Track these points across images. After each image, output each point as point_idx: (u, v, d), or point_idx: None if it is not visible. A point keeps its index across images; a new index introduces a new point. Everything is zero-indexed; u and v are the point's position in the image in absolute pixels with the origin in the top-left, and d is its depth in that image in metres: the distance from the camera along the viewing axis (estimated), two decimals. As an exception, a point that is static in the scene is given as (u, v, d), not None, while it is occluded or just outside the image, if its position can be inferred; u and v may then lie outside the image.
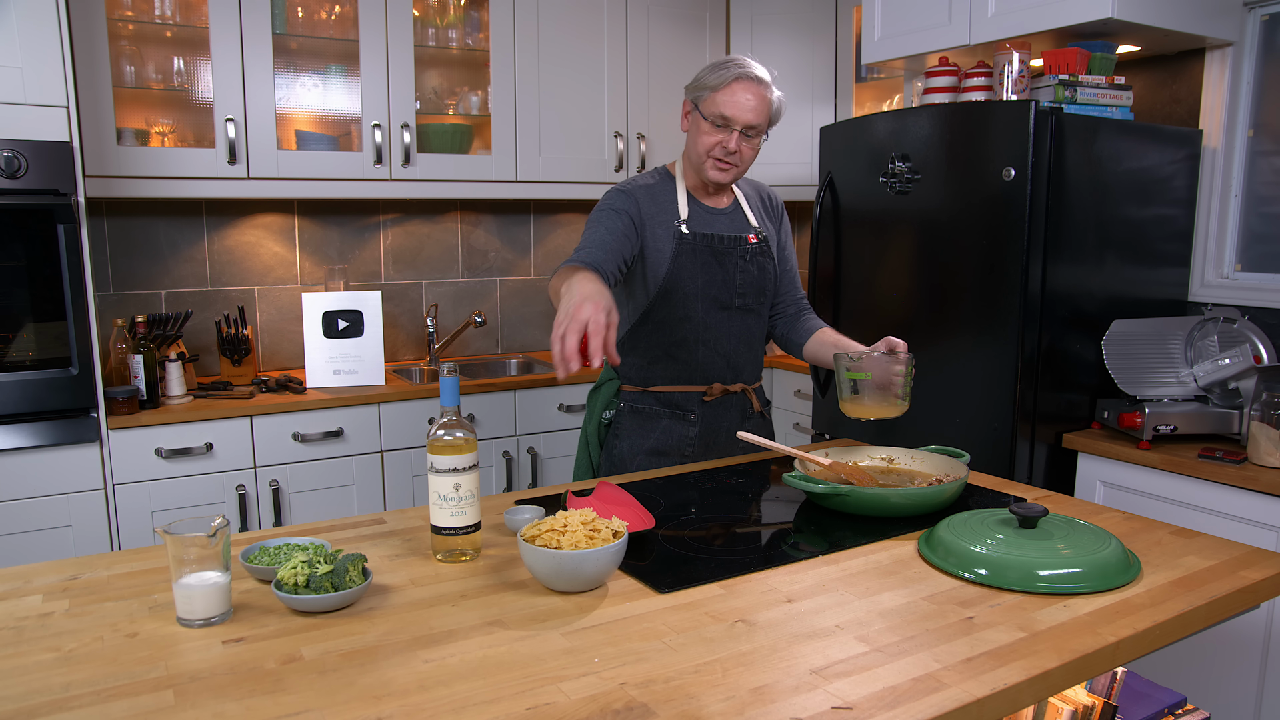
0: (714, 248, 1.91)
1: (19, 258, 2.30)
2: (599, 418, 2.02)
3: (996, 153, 2.32)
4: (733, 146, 1.83)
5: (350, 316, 2.93)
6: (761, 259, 1.97)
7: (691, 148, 1.89)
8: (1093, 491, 2.36)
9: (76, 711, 0.92)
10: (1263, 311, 2.50)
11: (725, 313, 1.93)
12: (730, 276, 1.92)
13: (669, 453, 1.96)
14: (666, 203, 1.91)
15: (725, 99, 1.80)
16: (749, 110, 1.80)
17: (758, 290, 1.97)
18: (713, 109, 1.81)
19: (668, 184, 1.95)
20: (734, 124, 1.81)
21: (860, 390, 1.70)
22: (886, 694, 0.96)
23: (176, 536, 1.11)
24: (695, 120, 1.86)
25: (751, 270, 1.95)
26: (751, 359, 2.01)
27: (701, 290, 1.91)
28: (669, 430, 1.96)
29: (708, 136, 1.83)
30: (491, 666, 1.02)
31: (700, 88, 1.84)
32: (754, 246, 1.96)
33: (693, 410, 1.96)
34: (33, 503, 2.36)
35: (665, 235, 1.88)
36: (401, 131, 3.04)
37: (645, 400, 1.97)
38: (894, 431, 2.68)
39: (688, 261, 1.89)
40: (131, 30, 2.82)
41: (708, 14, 3.62)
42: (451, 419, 1.34)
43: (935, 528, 1.40)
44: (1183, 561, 1.33)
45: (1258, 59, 2.56)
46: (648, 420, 1.96)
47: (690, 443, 1.96)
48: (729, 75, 1.80)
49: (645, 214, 1.88)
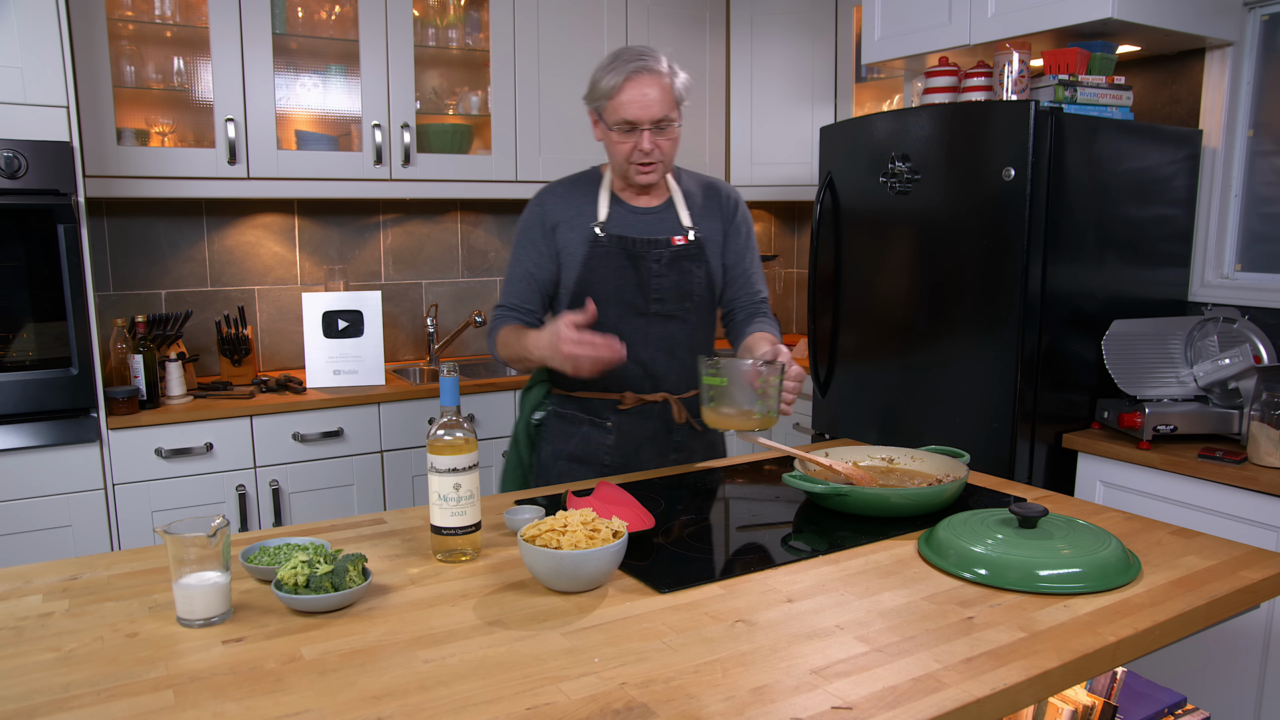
0: (628, 250, 1.82)
1: (19, 258, 2.29)
2: (528, 418, 2.00)
3: (996, 153, 2.32)
4: (647, 146, 1.74)
5: (350, 316, 2.93)
6: (686, 263, 1.85)
7: (610, 156, 1.82)
8: (1093, 491, 2.36)
9: (76, 711, 0.92)
10: (1263, 311, 2.50)
11: (642, 319, 1.84)
12: (645, 281, 1.83)
13: (588, 460, 1.90)
14: (585, 205, 1.86)
15: (624, 102, 1.71)
16: (652, 106, 1.71)
17: (679, 295, 1.85)
18: (614, 116, 1.73)
19: (593, 184, 1.89)
20: (640, 125, 1.73)
21: (716, 398, 1.55)
22: (886, 694, 0.96)
23: (176, 536, 1.11)
24: (603, 131, 1.79)
25: (670, 275, 1.84)
26: (675, 367, 1.89)
27: (614, 295, 1.83)
28: (588, 437, 1.90)
29: (620, 145, 1.76)
30: (491, 666, 1.02)
31: (597, 96, 1.76)
32: (678, 249, 1.84)
33: (610, 418, 1.89)
34: (33, 503, 2.36)
35: (578, 239, 1.83)
36: (401, 131, 3.04)
37: (569, 405, 1.93)
38: (894, 431, 2.68)
39: (599, 265, 1.82)
40: (131, 30, 2.82)
41: (708, 14, 3.62)
42: (451, 419, 1.34)
43: (935, 528, 1.40)
44: (1183, 561, 1.33)
45: (1258, 59, 2.56)
46: (570, 425, 1.92)
47: (608, 451, 1.89)
48: (620, 77, 1.71)
49: (557, 219, 1.84)
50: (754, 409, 1.52)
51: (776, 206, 4.27)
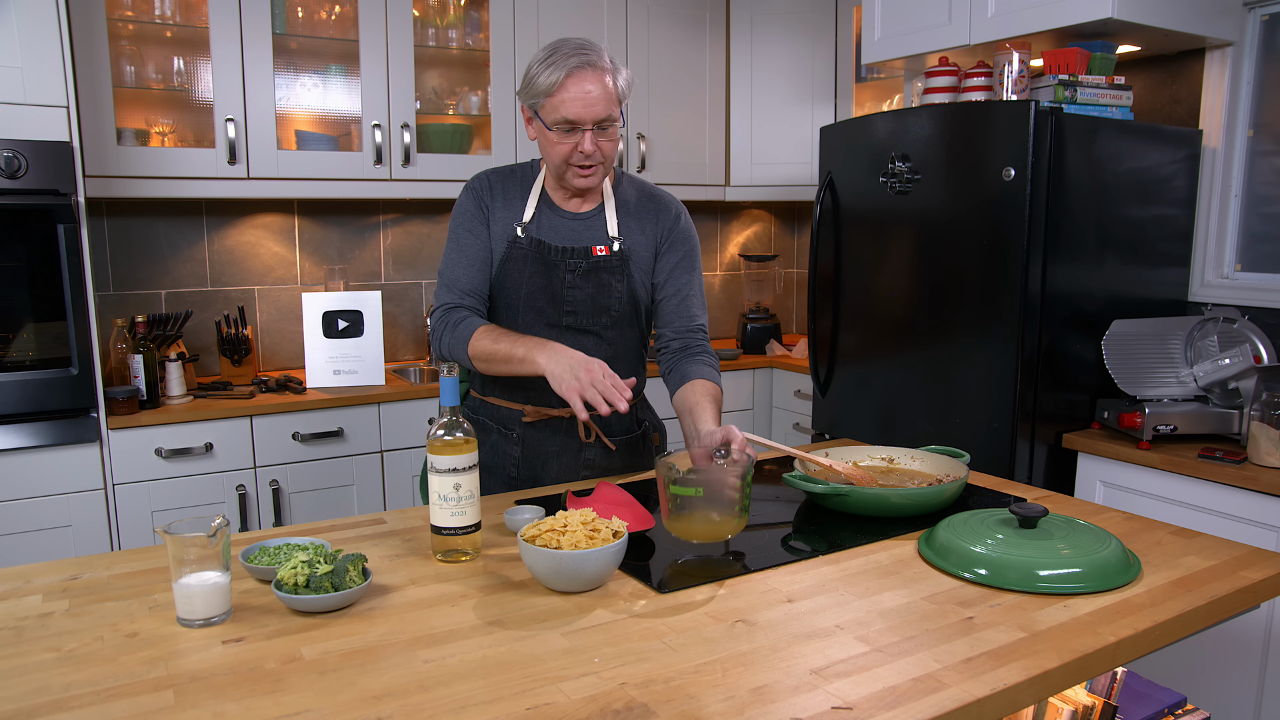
0: (543, 257, 1.70)
1: (19, 258, 2.30)
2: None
3: (996, 153, 2.32)
4: (589, 148, 1.61)
5: (350, 316, 2.93)
6: (606, 275, 1.72)
7: (545, 156, 1.68)
8: (1093, 491, 2.36)
9: (76, 711, 0.92)
10: (1263, 311, 2.50)
11: (553, 330, 1.72)
12: (557, 291, 1.71)
13: (495, 470, 1.81)
14: (516, 200, 1.75)
15: (564, 99, 1.57)
16: (595, 104, 1.57)
17: (594, 309, 1.73)
18: (554, 115, 1.59)
19: (527, 180, 1.77)
20: (582, 125, 1.59)
21: (688, 508, 1.34)
22: (886, 694, 0.96)
23: (176, 536, 1.11)
24: (539, 128, 1.64)
25: (585, 287, 1.71)
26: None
27: (525, 301, 1.73)
28: (496, 446, 1.81)
29: (559, 145, 1.62)
30: (491, 666, 1.02)
31: (534, 93, 1.60)
32: (597, 260, 1.71)
33: (515, 429, 1.79)
34: (33, 503, 2.36)
35: (500, 235, 1.73)
36: (401, 131, 3.04)
37: (481, 411, 1.85)
38: (894, 431, 2.68)
39: (514, 268, 1.71)
40: (131, 30, 2.82)
41: (708, 14, 3.62)
42: (451, 419, 1.34)
43: (935, 528, 1.40)
44: (1183, 561, 1.33)
45: (1258, 59, 2.56)
46: (481, 432, 1.83)
47: (514, 463, 1.79)
48: (561, 72, 1.56)
49: (491, 209, 1.75)
50: (733, 517, 1.35)
51: (776, 206, 4.27)
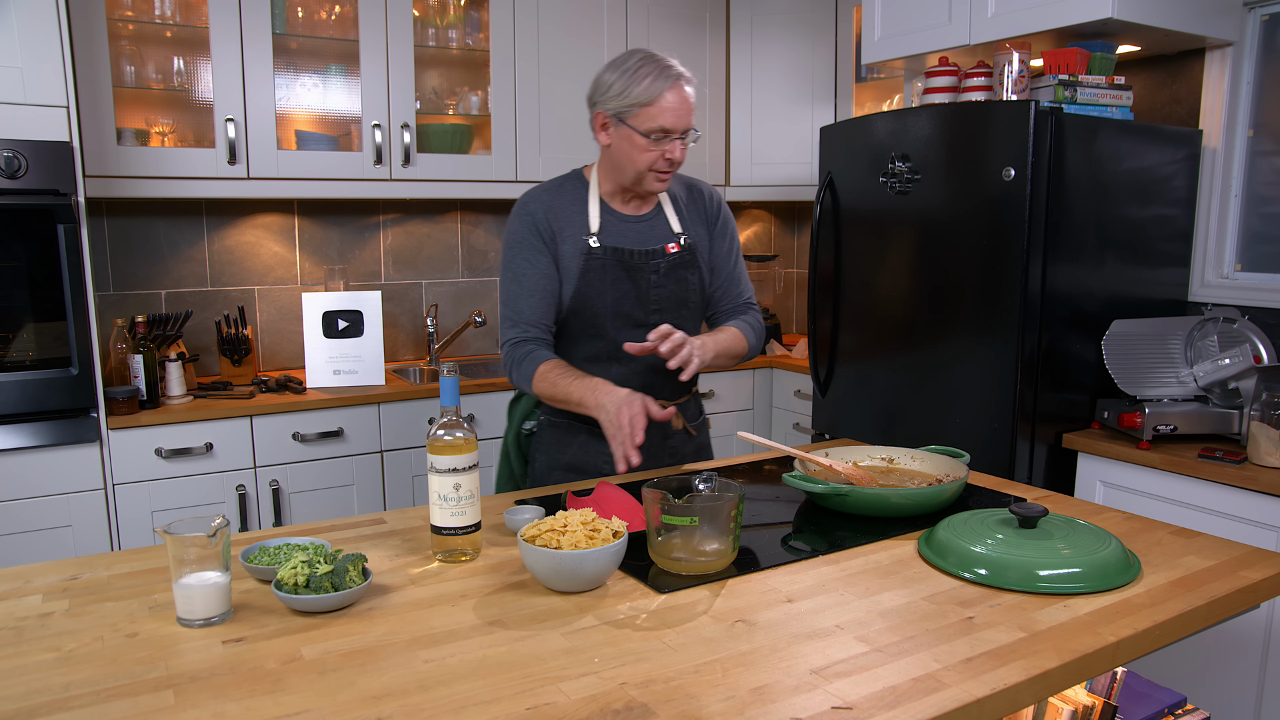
0: (625, 262, 1.78)
1: (19, 258, 2.30)
2: (518, 428, 1.98)
3: (996, 153, 2.32)
4: (679, 156, 1.72)
5: (350, 316, 2.93)
6: (682, 270, 1.83)
7: (625, 164, 1.74)
8: (1093, 491, 2.36)
9: (76, 711, 0.92)
10: (1263, 311, 2.50)
11: (640, 330, 1.78)
12: (644, 292, 1.80)
13: (586, 469, 1.87)
14: (576, 214, 1.80)
15: (664, 109, 1.67)
16: (688, 114, 1.70)
17: (677, 304, 1.83)
18: (650, 123, 1.68)
19: (579, 192, 1.83)
20: (674, 133, 1.70)
21: (683, 537, 1.29)
22: (886, 694, 0.96)
23: (176, 536, 1.11)
24: (625, 136, 1.71)
25: (669, 285, 1.82)
26: (671, 376, 1.76)
27: (612, 307, 1.79)
28: (586, 446, 1.86)
29: (647, 152, 1.70)
30: (491, 666, 1.02)
31: (630, 102, 1.68)
32: (673, 257, 1.82)
33: None
34: (33, 503, 2.36)
35: (573, 251, 1.78)
36: (401, 131, 3.04)
37: (564, 414, 1.86)
38: (894, 431, 2.68)
39: (596, 278, 1.77)
40: (131, 30, 2.82)
41: (708, 14, 3.62)
42: (451, 419, 1.34)
43: (935, 528, 1.40)
44: (1183, 561, 1.33)
45: (1258, 59, 2.56)
46: (566, 435, 1.88)
47: (608, 459, 1.79)
48: (665, 82, 1.67)
49: (553, 230, 1.79)
50: (727, 547, 1.30)
51: (776, 206, 4.27)
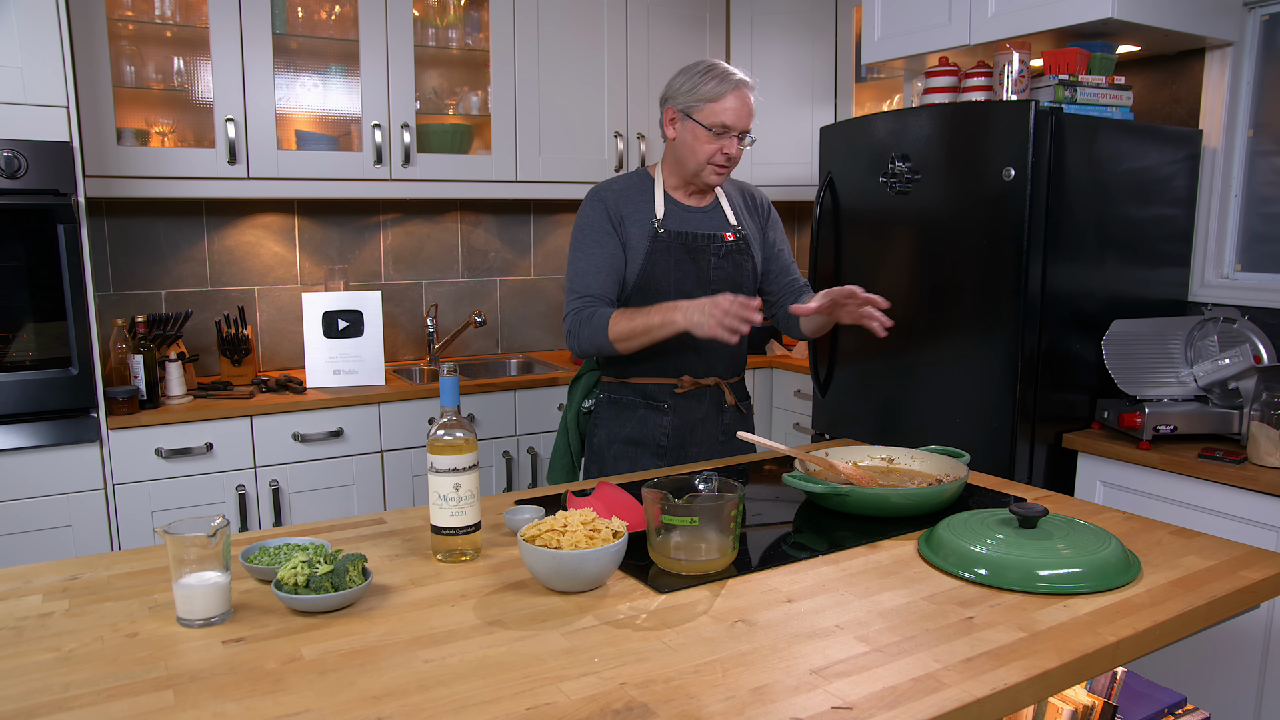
0: (688, 245, 1.97)
1: (19, 258, 2.29)
2: (579, 406, 2.12)
3: (996, 153, 2.32)
4: (735, 151, 1.90)
5: (350, 316, 2.93)
6: (738, 256, 2.02)
7: (688, 155, 1.93)
8: (1093, 491, 2.36)
9: (76, 711, 0.92)
10: (1263, 311, 2.50)
11: None
12: (704, 273, 1.98)
13: (644, 442, 2.02)
14: (643, 203, 1.98)
15: (726, 108, 1.87)
16: (747, 116, 1.90)
17: (733, 286, 2.01)
18: (713, 118, 1.87)
19: (646, 184, 2.02)
20: (734, 130, 1.89)
21: (684, 538, 1.29)
22: (886, 694, 0.96)
23: (176, 536, 1.11)
24: (690, 129, 1.91)
25: (726, 267, 2.01)
26: (725, 353, 2.03)
27: (675, 286, 1.96)
28: (644, 420, 2.01)
29: (708, 145, 1.89)
30: (491, 666, 1.02)
31: (695, 98, 1.88)
32: (730, 244, 2.01)
33: (666, 401, 2.01)
34: (33, 503, 2.36)
35: (640, 234, 1.95)
36: (401, 131, 3.04)
37: (623, 391, 2.04)
38: (894, 431, 2.68)
39: (661, 259, 1.95)
40: (131, 30, 2.82)
41: (708, 14, 3.62)
42: (451, 419, 1.34)
43: (935, 528, 1.40)
44: (1183, 561, 1.33)
45: (1258, 59, 2.56)
46: (625, 410, 2.03)
47: (665, 432, 2.01)
48: (729, 85, 1.87)
49: (621, 215, 1.96)
50: (727, 546, 1.30)
51: (777, 206, 4.26)
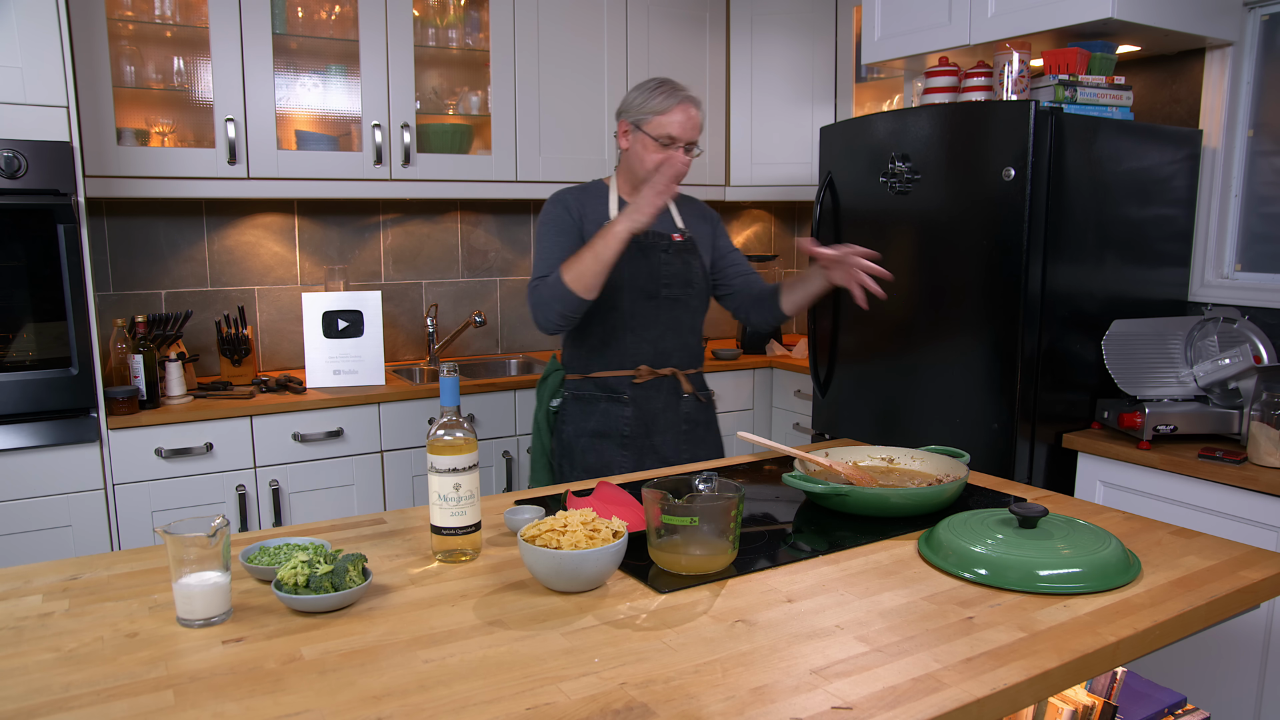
0: (640, 242, 2.07)
1: (19, 258, 2.29)
2: (547, 405, 2.22)
3: (996, 153, 2.32)
4: (680, 160, 2.03)
5: (350, 316, 2.93)
6: (687, 255, 2.14)
7: (637, 164, 2.06)
8: (1093, 491, 2.36)
9: (76, 711, 0.92)
10: (1263, 311, 2.50)
11: (652, 302, 2.10)
12: (656, 269, 2.09)
13: (609, 433, 2.12)
14: (598, 206, 2.12)
15: (673, 120, 2.01)
16: (692, 130, 2.04)
17: (683, 282, 2.13)
18: (660, 130, 2.02)
19: (601, 191, 2.15)
20: (679, 142, 2.03)
21: (683, 537, 1.28)
22: (886, 694, 0.96)
23: (176, 536, 1.11)
24: (640, 140, 2.05)
25: (676, 264, 2.12)
26: (680, 345, 2.15)
27: (628, 281, 2.07)
28: (607, 412, 2.12)
29: (656, 154, 2.03)
30: (491, 666, 1.02)
31: (644, 112, 2.03)
32: (678, 244, 2.13)
33: (626, 392, 2.11)
34: (33, 503, 2.36)
35: (596, 230, 2.01)
36: (401, 131, 3.04)
37: (585, 387, 2.15)
38: (894, 431, 2.68)
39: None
40: (131, 30, 2.82)
41: (708, 14, 3.62)
42: (451, 419, 1.34)
43: (935, 528, 1.40)
44: (1183, 561, 1.33)
45: (1258, 59, 2.56)
46: (588, 405, 2.14)
47: (627, 422, 2.11)
48: (675, 99, 2.02)
49: (581, 213, 2.09)
50: (727, 546, 1.29)
51: (776, 206, 4.27)
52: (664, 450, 2.13)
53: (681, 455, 2.14)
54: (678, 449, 2.14)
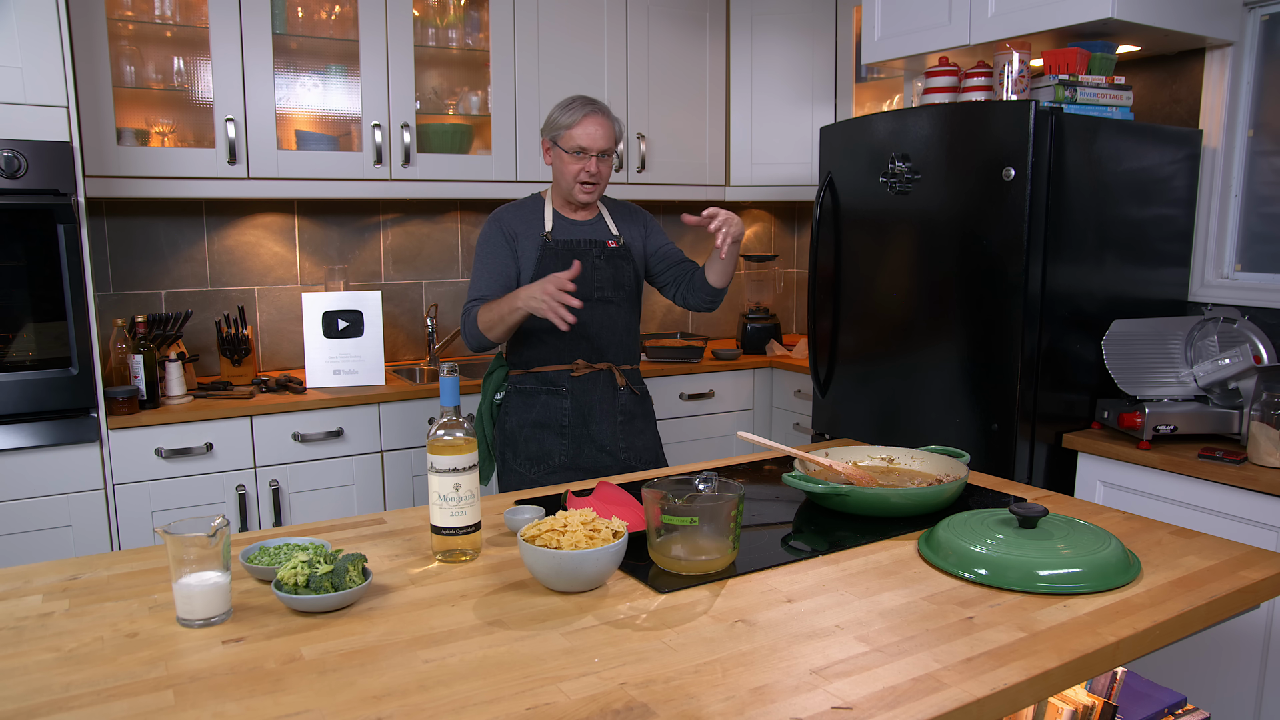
0: (574, 250, 2.26)
1: (19, 258, 2.30)
2: (491, 399, 2.38)
3: (996, 153, 2.32)
4: (594, 169, 2.20)
5: (350, 316, 2.93)
6: (619, 260, 2.30)
7: (560, 177, 2.24)
8: (1093, 491, 2.36)
9: (76, 711, 0.92)
10: (1263, 311, 2.50)
11: (587, 304, 2.20)
12: (588, 274, 2.24)
13: (548, 424, 2.27)
14: (534, 220, 2.28)
15: (580, 133, 2.17)
16: (601, 139, 2.19)
17: (615, 285, 2.29)
18: (571, 143, 2.19)
19: (538, 205, 2.32)
20: (590, 151, 2.18)
21: (683, 537, 1.29)
22: (886, 694, 0.96)
23: (176, 536, 1.11)
24: (557, 154, 2.23)
25: (607, 269, 2.28)
26: (614, 342, 2.30)
27: None
28: (547, 404, 2.27)
29: (572, 165, 2.20)
30: (491, 666, 1.02)
31: (556, 128, 2.21)
32: (611, 250, 2.30)
33: (564, 385, 2.26)
34: (33, 503, 2.36)
35: (532, 245, 2.25)
36: (401, 131, 3.04)
37: (527, 380, 2.29)
38: (894, 431, 2.68)
39: (550, 263, 2.22)
40: (131, 30, 2.82)
41: (708, 14, 3.62)
42: (451, 419, 1.34)
43: (935, 528, 1.40)
44: (1183, 561, 1.34)
45: (1258, 59, 2.56)
46: (530, 397, 2.28)
47: (565, 413, 2.26)
48: (580, 114, 2.17)
49: (515, 231, 2.26)
50: (727, 546, 1.30)
51: (776, 206, 4.26)
52: (601, 439, 2.26)
53: (619, 445, 2.28)
54: (615, 439, 2.27)
